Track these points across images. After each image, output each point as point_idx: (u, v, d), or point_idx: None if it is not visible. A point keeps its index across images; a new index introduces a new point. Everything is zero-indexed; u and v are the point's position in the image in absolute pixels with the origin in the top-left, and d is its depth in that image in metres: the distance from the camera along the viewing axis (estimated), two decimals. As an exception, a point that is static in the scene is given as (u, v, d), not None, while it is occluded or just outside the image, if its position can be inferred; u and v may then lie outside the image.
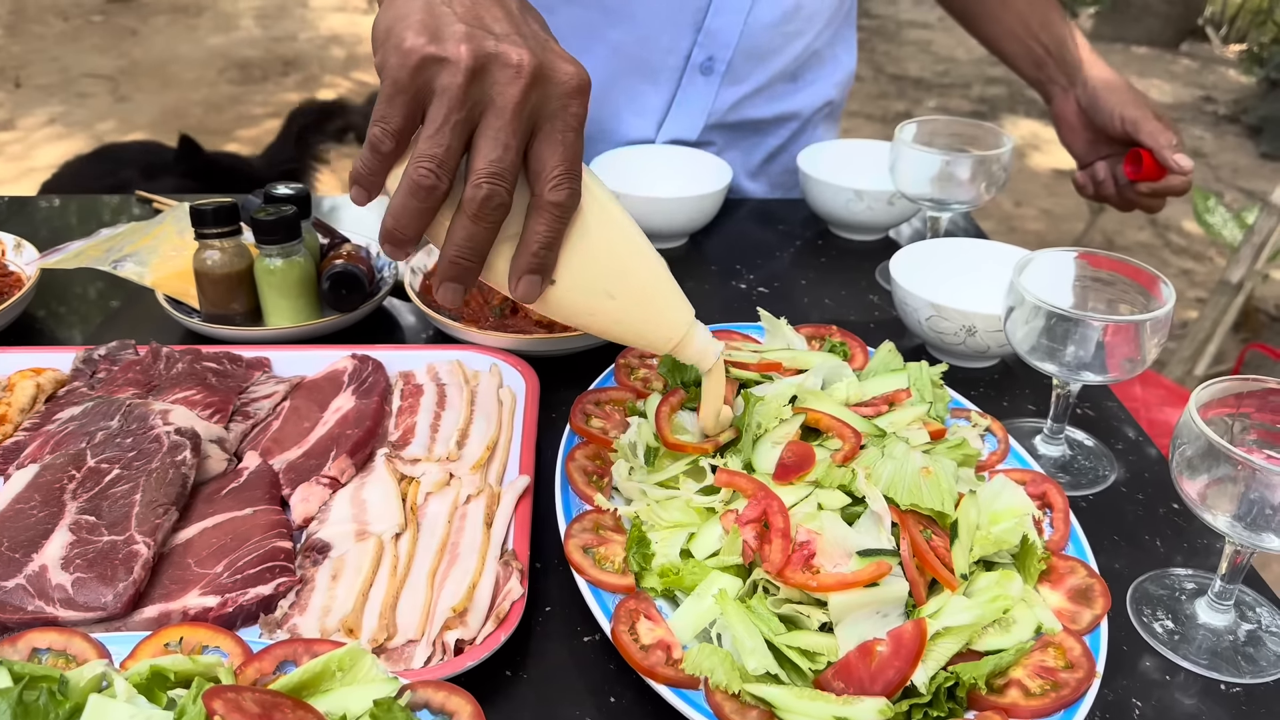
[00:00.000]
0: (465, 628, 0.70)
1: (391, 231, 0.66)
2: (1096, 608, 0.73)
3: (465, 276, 0.68)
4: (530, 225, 0.67)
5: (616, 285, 0.72)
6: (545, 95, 0.65)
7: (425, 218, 0.66)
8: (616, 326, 0.74)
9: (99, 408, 0.90)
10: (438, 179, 0.64)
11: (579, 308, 0.72)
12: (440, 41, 0.63)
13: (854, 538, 0.71)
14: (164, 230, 1.16)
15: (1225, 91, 6.34)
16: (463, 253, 0.67)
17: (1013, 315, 0.89)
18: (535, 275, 0.69)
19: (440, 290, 0.69)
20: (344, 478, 0.86)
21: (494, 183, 0.64)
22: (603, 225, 0.71)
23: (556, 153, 0.66)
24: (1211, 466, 0.70)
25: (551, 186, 0.66)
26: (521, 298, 0.70)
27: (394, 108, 0.64)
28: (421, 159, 0.64)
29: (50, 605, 0.72)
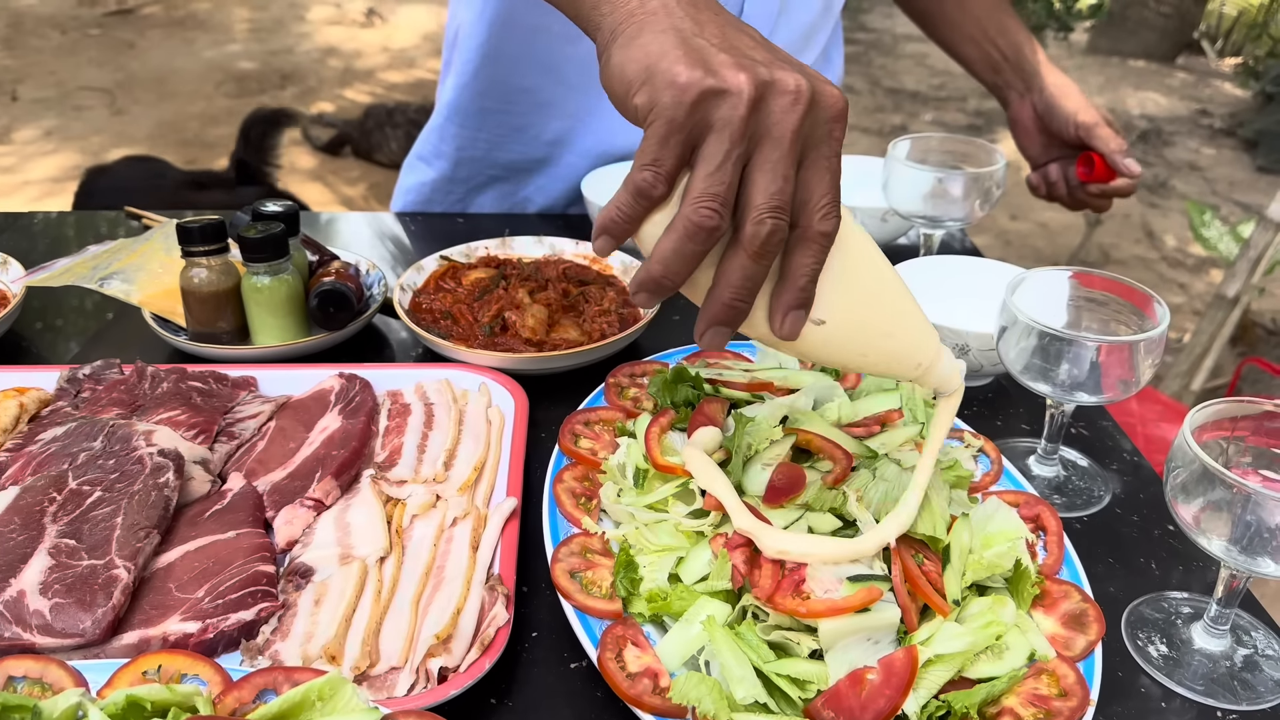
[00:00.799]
0: (449, 655, 0.69)
1: (659, 279, 0.62)
2: (1091, 633, 0.72)
3: (737, 319, 0.64)
4: (795, 258, 0.63)
5: (875, 315, 0.69)
6: (815, 121, 0.62)
7: (696, 262, 0.62)
8: (872, 358, 0.70)
9: (82, 428, 0.89)
10: (720, 219, 0.60)
11: (842, 342, 0.68)
12: (716, 73, 0.59)
13: (845, 563, 0.70)
14: (151, 247, 1.15)
15: (1221, 105, 6.36)
16: (740, 294, 0.63)
17: (1005, 335, 0.89)
18: (801, 311, 0.65)
19: (708, 335, 0.65)
20: (329, 500, 0.85)
21: (777, 217, 0.61)
22: (860, 254, 0.68)
23: (824, 180, 0.63)
24: (1206, 490, 0.69)
25: (821, 216, 0.62)
26: (787, 335, 0.65)
27: (668, 148, 0.60)
28: (702, 198, 0.60)
29: (27, 631, 0.70)
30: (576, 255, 1.22)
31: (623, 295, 1.15)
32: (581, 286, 1.14)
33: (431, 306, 1.11)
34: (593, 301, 1.12)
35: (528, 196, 1.49)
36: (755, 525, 0.73)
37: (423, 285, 1.15)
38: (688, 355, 1.02)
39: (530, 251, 1.23)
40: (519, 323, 1.06)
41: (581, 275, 1.17)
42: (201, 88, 5.81)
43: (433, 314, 1.10)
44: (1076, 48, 7.10)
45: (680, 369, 0.92)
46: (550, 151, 1.43)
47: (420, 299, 1.12)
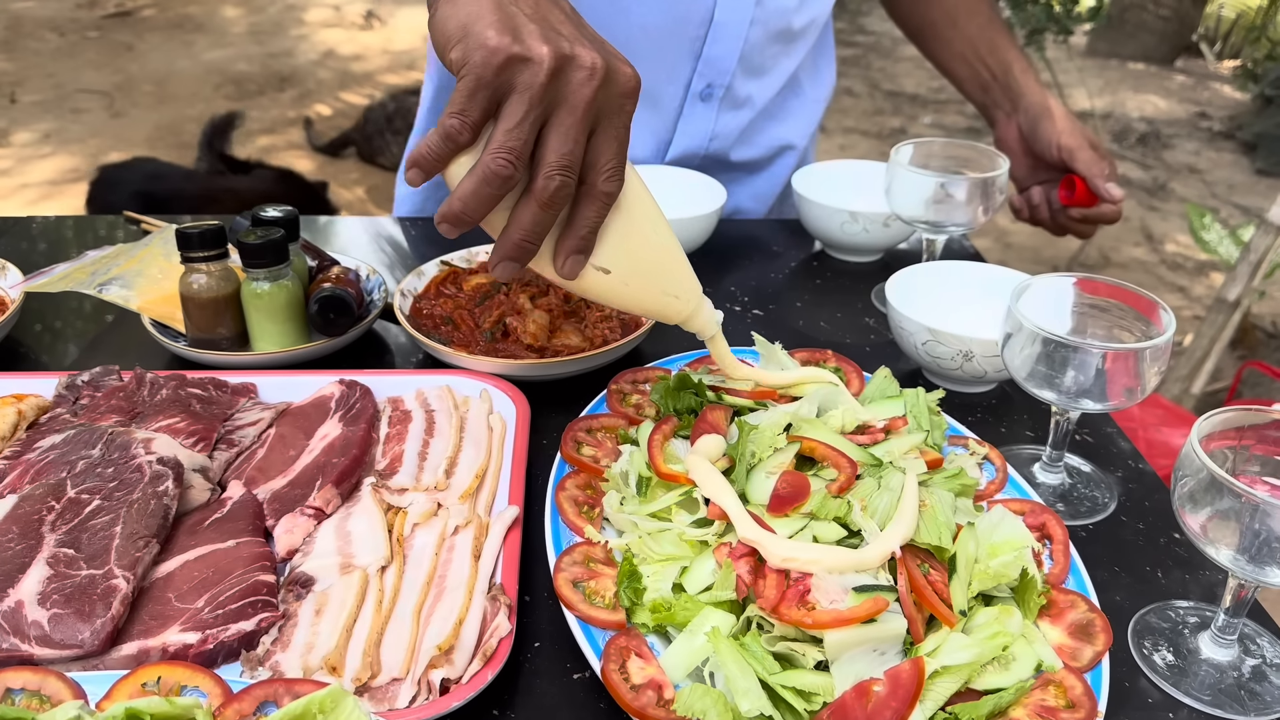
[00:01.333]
0: (451, 666, 0.69)
1: (459, 214, 0.70)
2: (1098, 644, 0.72)
3: (525, 256, 0.74)
4: (580, 210, 0.74)
5: (647, 265, 0.80)
6: (608, 95, 0.71)
7: (492, 204, 0.70)
8: (641, 301, 0.82)
9: (80, 436, 0.88)
10: (514, 169, 0.68)
11: (612, 286, 0.80)
12: (522, 41, 0.67)
13: (850, 573, 0.69)
14: (150, 252, 1.15)
15: (1220, 107, 6.36)
16: (528, 236, 0.72)
17: (1010, 342, 0.88)
18: (581, 255, 0.76)
19: (499, 267, 0.74)
20: (329, 508, 0.84)
21: (565, 175, 0.70)
22: (640, 213, 0.79)
23: (611, 147, 0.72)
24: (1214, 500, 0.69)
25: (605, 177, 0.72)
26: (567, 275, 0.76)
27: (474, 101, 0.68)
28: (500, 150, 0.68)
29: (25, 643, 0.70)
30: (578, 260, 1.22)
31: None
32: (583, 292, 1.14)
33: (432, 312, 1.10)
34: (594, 307, 1.11)
35: None
36: (760, 534, 0.72)
37: (423, 290, 1.14)
38: (690, 361, 1.01)
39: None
40: (520, 328, 1.06)
41: (583, 281, 1.16)
42: (200, 90, 5.81)
43: (434, 320, 1.09)
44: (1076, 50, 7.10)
45: (683, 376, 0.91)
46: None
47: (421, 304, 1.12)
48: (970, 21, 1.44)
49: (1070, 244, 4.41)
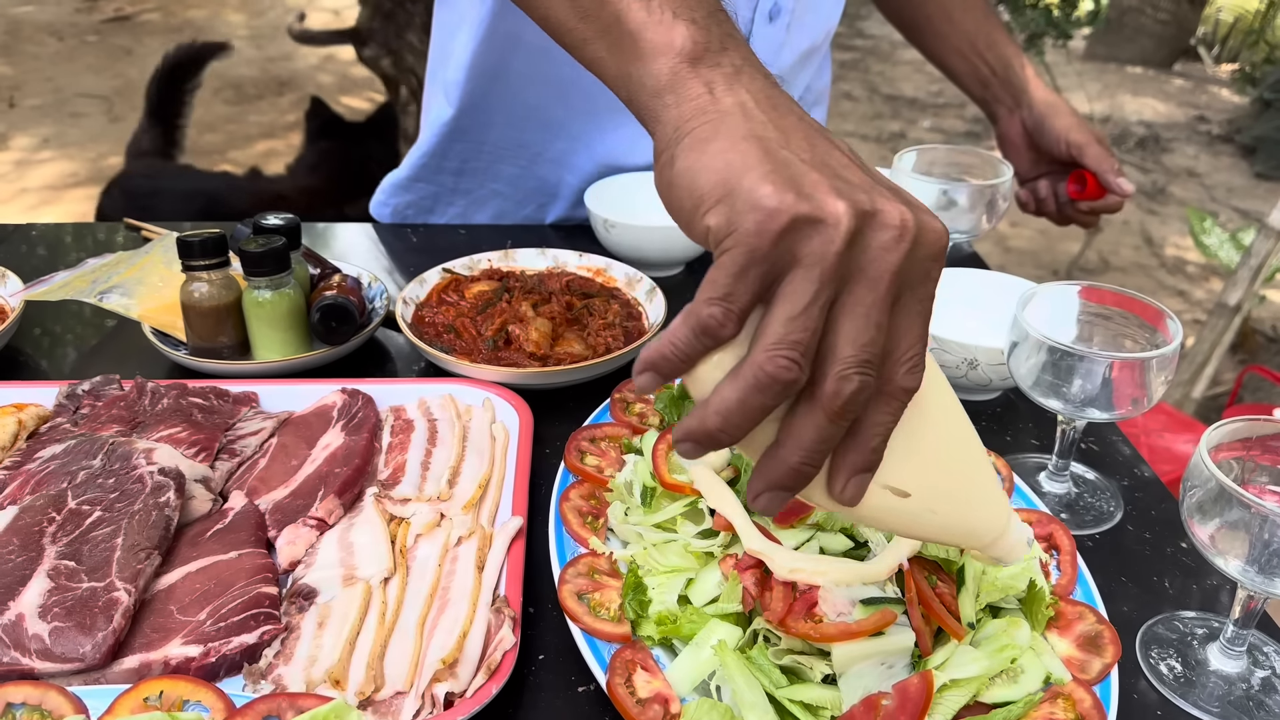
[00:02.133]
0: (455, 680, 0.68)
1: (714, 434, 0.52)
2: (1106, 656, 0.71)
3: (802, 484, 0.54)
4: (872, 415, 0.53)
5: (939, 482, 0.60)
6: (915, 259, 0.52)
7: (763, 415, 0.52)
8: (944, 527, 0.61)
9: (81, 446, 0.88)
10: (801, 371, 0.50)
11: (908, 512, 0.59)
12: (810, 198, 0.50)
13: (858, 585, 0.69)
14: (151, 260, 1.14)
15: (1219, 111, 6.36)
16: (810, 457, 0.52)
17: (1016, 351, 0.88)
18: (867, 474, 0.55)
19: (764, 498, 0.54)
20: (332, 519, 0.84)
21: (865, 373, 0.51)
22: (942, 412, 0.60)
23: (915, 328, 0.53)
24: (1223, 511, 0.68)
25: (907, 370, 0.53)
26: (848, 501, 0.55)
27: (745, 282, 0.50)
28: (782, 345, 0.50)
29: (26, 656, 0.69)
30: (580, 267, 1.21)
31: (627, 308, 1.14)
32: (585, 299, 1.14)
33: (434, 320, 1.10)
34: (597, 315, 1.11)
35: (530, 216, 1.48)
36: (766, 546, 0.72)
37: (425, 298, 1.14)
38: (694, 370, 1.01)
39: (533, 264, 1.22)
40: (523, 336, 1.05)
41: (585, 288, 1.16)
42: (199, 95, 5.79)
43: (435, 328, 1.09)
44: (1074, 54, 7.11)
45: (687, 385, 0.91)
46: (552, 171, 1.42)
47: (423, 312, 1.11)
48: (966, 17, 1.44)
49: (1070, 248, 4.42)
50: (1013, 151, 1.41)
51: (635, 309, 1.15)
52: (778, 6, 1.29)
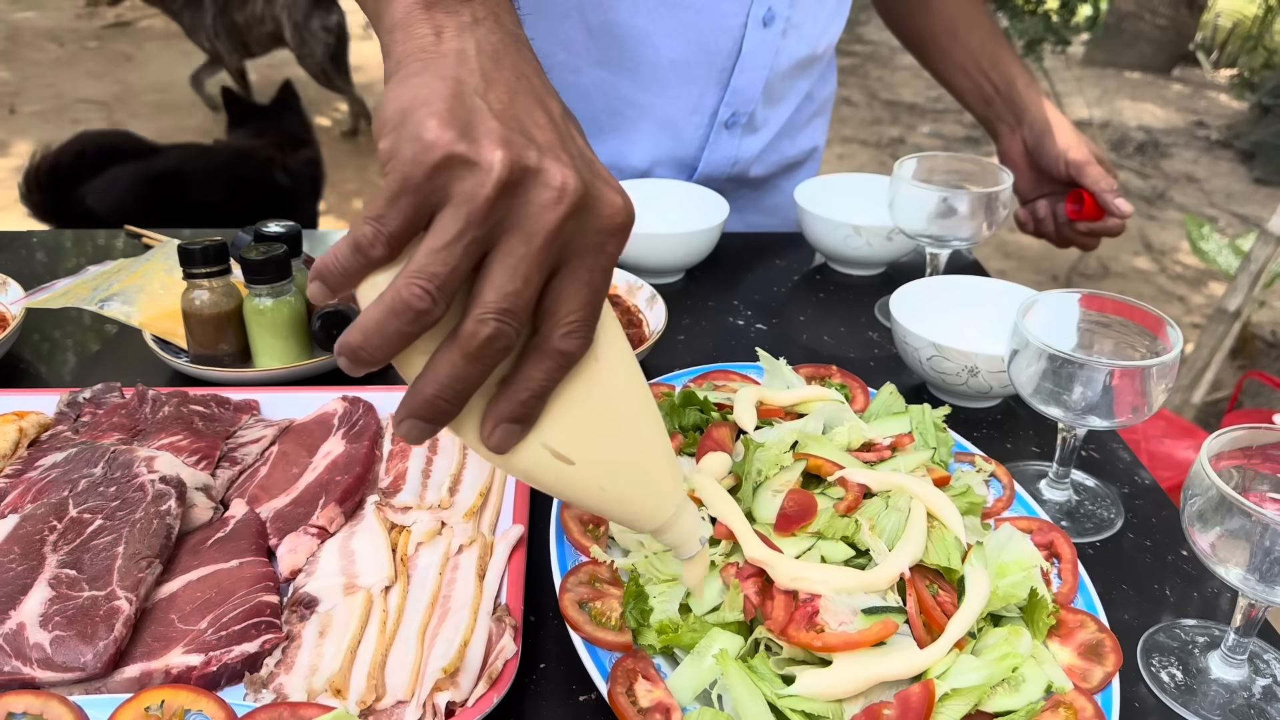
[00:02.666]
0: (456, 689, 0.68)
1: (356, 350, 0.53)
2: (1108, 664, 0.71)
3: (438, 417, 0.56)
4: (525, 369, 0.56)
5: (608, 453, 0.61)
6: (582, 227, 0.54)
7: (402, 343, 0.53)
8: (587, 496, 0.62)
9: (82, 454, 0.88)
10: (434, 302, 0.52)
11: (547, 466, 0.60)
12: (472, 140, 0.52)
13: (859, 595, 0.69)
14: (152, 268, 1.14)
15: (1217, 116, 6.37)
16: (445, 393, 0.55)
17: (1016, 358, 0.88)
18: (515, 425, 0.57)
19: (403, 425, 0.56)
20: (333, 527, 0.84)
21: (504, 320, 0.53)
22: (619, 388, 0.61)
23: (579, 295, 0.55)
24: (1224, 519, 0.68)
25: (564, 333, 0.55)
26: (494, 447, 0.58)
27: (396, 208, 0.52)
28: (419, 275, 0.52)
29: (27, 665, 0.69)
30: (580, 275, 1.21)
31: (628, 315, 1.14)
32: (586, 307, 1.14)
33: (435, 328, 1.10)
34: (597, 322, 1.11)
35: None
36: (768, 554, 0.72)
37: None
38: (694, 377, 1.01)
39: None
40: (523, 344, 1.05)
41: (586, 295, 1.16)
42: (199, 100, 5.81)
43: (436, 335, 1.09)
44: (1073, 60, 7.12)
45: (688, 393, 0.91)
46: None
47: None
48: (971, 34, 1.44)
49: (1070, 254, 4.42)
50: (1014, 171, 1.39)
51: (636, 316, 1.15)
52: (771, 13, 1.29)
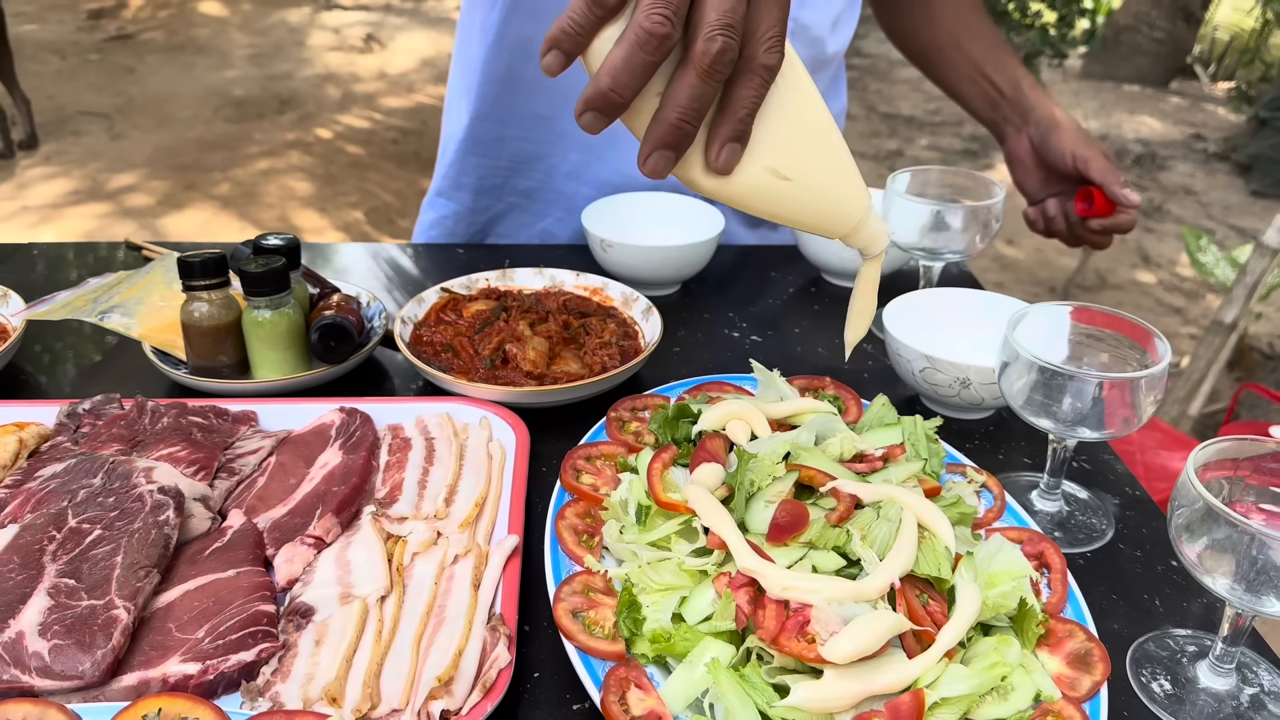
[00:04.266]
0: (451, 697, 0.69)
1: (607, 93, 0.61)
2: (1096, 673, 0.72)
3: (683, 141, 0.64)
4: (737, 90, 0.63)
5: (808, 162, 0.68)
6: None
7: (649, 72, 0.61)
8: (794, 209, 0.70)
9: (82, 465, 0.88)
10: (673, 26, 0.60)
11: (767, 186, 0.68)
12: None
13: (850, 604, 0.70)
14: (152, 280, 1.15)
15: (1215, 129, 6.39)
16: (687, 114, 0.62)
17: (1007, 371, 0.89)
18: (737, 144, 0.65)
19: (652, 158, 0.64)
20: (329, 537, 0.85)
21: (728, 35, 0.60)
22: (805, 97, 0.67)
23: (773, 12, 0.62)
24: (1210, 530, 0.69)
25: (766, 48, 0.62)
26: (722, 168, 0.65)
27: None
28: (655, 5, 0.59)
29: (26, 674, 0.70)
30: (577, 287, 1.22)
31: (624, 327, 1.15)
32: (582, 318, 1.15)
33: (432, 339, 1.11)
34: (593, 334, 1.12)
35: (547, 229, 1.49)
36: (759, 564, 0.72)
37: (423, 317, 1.15)
38: (689, 389, 1.02)
39: (530, 283, 1.23)
40: (520, 355, 1.06)
41: (582, 307, 1.17)
42: (200, 112, 5.84)
43: (434, 347, 1.10)
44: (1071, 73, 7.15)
45: (682, 405, 0.92)
46: (568, 184, 1.44)
47: (421, 331, 1.12)
48: (974, 43, 1.45)
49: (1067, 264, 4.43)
50: (1021, 170, 1.41)
51: (632, 328, 1.16)
52: None
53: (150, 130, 5.55)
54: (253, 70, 6.62)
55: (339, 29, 7.60)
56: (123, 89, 6.18)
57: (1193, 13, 6.81)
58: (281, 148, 5.39)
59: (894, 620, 0.68)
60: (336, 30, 7.57)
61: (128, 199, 4.70)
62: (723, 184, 0.67)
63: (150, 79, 6.38)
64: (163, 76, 6.43)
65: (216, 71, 6.56)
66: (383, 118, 5.87)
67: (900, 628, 0.69)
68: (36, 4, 7.77)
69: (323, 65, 6.80)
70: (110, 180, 4.88)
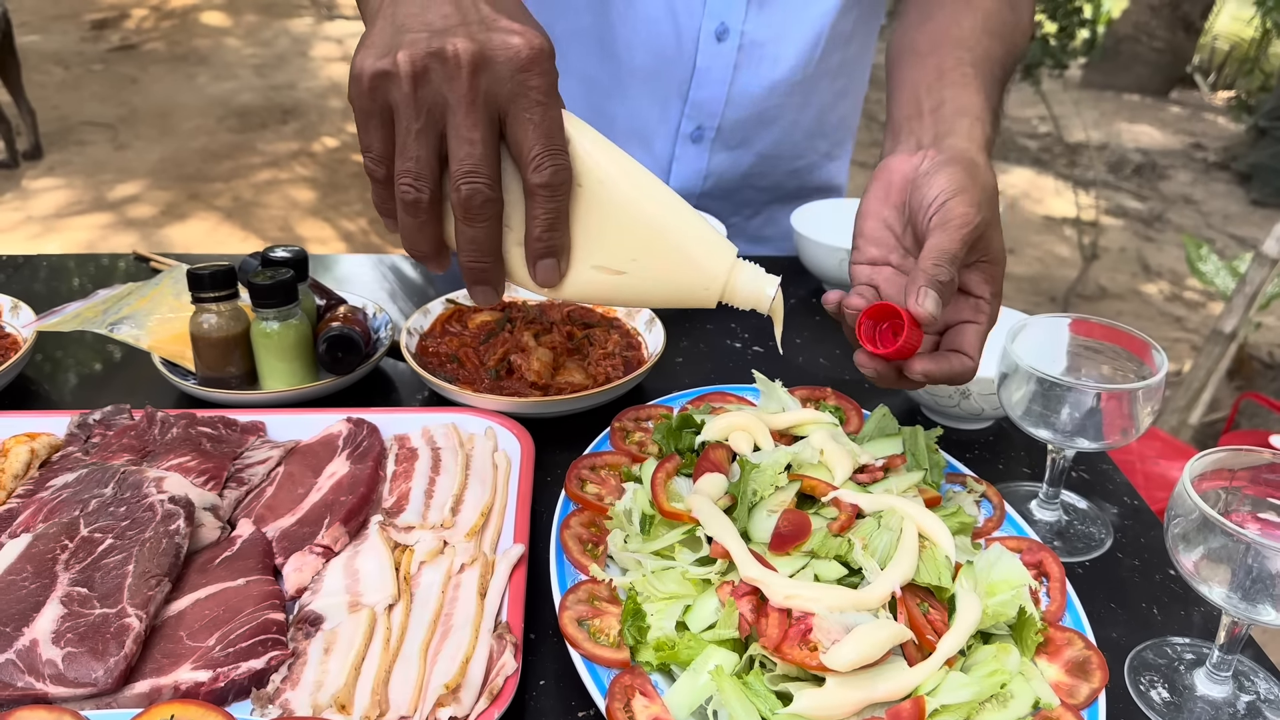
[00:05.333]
0: (458, 704, 0.70)
1: (411, 251, 0.69)
2: (1094, 681, 0.73)
3: (486, 276, 0.70)
4: (529, 211, 0.68)
5: (638, 249, 0.70)
6: (495, 77, 0.63)
7: (429, 229, 0.67)
8: (649, 292, 0.72)
9: (93, 475, 0.90)
10: (418, 191, 0.65)
11: (603, 283, 0.71)
12: (388, 55, 0.63)
13: (852, 613, 0.71)
14: (161, 291, 1.17)
15: (1214, 138, 6.41)
16: (471, 256, 0.68)
17: (1006, 382, 0.90)
18: (549, 259, 0.69)
19: (472, 292, 0.71)
20: (337, 546, 0.86)
21: (470, 180, 0.64)
22: (607, 189, 0.69)
23: (528, 133, 0.65)
24: (1206, 539, 0.70)
25: (534, 169, 0.65)
26: (543, 284, 0.70)
27: (369, 133, 0.65)
28: (401, 177, 0.65)
29: (40, 681, 0.71)
30: (581, 298, 1.24)
31: (627, 338, 1.17)
32: (586, 329, 1.16)
33: (438, 350, 1.12)
34: (597, 345, 1.13)
35: None
36: (762, 573, 0.74)
37: (429, 329, 1.16)
38: (692, 399, 1.03)
39: (535, 294, 1.24)
40: (525, 366, 1.08)
41: (586, 318, 1.19)
42: (204, 123, 5.86)
43: (439, 357, 1.11)
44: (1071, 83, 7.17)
45: (685, 416, 0.93)
46: None
47: (427, 342, 1.14)
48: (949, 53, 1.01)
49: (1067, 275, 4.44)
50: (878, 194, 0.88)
51: (635, 339, 1.17)
52: (724, 27, 1.30)
53: (154, 140, 5.57)
54: (256, 81, 6.65)
55: (341, 39, 7.63)
56: (126, 99, 6.21)
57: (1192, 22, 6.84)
58: (284, 158, 5.42)
59: (895, 629, 0.70)
60: (339, 41, 7.60)
61: (131, 209, 4.72)
62: (557, 292, 0.72)
63: (153, 89, 6.41)
64: (166, 87, 6.46)
65: (219, 82, 6.60)
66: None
67: (901, 637, 0.70)
68: (40, 15, 7.81)
69: (326, 76, 6.83)
70: (114, 190, 4.91)
